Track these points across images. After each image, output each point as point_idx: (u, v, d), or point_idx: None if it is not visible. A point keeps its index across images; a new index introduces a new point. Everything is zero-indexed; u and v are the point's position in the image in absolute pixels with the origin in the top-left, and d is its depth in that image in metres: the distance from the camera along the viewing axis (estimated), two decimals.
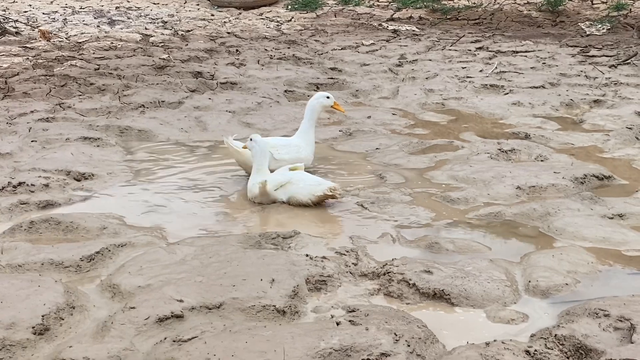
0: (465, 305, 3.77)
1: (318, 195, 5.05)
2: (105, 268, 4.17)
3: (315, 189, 5.07)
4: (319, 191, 5.06)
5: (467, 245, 4.49)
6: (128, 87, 8.53)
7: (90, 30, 12.78)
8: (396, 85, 9.09)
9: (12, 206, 5.03)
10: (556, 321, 3.57)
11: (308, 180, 5.15)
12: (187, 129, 7.12)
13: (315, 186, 5.09)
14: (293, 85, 9.01)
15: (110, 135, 6.79)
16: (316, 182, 5.15)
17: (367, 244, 4.53)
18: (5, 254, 4.27)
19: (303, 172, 5.31)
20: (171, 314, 3.50)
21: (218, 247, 4.31)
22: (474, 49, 11.43)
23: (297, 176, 5.19)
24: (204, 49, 11.12)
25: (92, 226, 4.67)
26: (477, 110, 7.97)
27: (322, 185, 5.09)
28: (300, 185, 5.11)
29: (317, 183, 5.13)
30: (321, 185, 5.10)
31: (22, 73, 9.12)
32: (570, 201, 5.10)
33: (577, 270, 4.12)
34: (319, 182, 5.14)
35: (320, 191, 5.05)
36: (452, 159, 6.18)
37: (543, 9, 14.45)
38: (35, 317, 3.46)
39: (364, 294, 3.91)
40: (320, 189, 5.06)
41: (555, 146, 6.57)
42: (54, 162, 5.88)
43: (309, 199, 5.07)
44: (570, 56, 10.71)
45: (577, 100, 8.17)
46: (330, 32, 13.04)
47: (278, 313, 3.60)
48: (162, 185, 5.63)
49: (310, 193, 5.07)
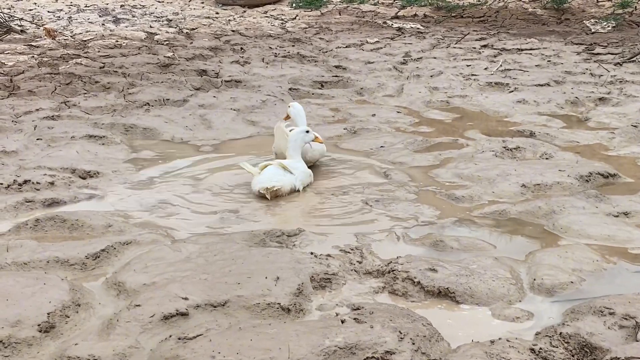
0: (470, 303, 3.77)
1: (257, 190, 5.27)
2: (111, 266, 4.18)
3: (257, 186, 5.28)
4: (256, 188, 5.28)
5: (472, 243, 4.49)
6: (133, 85, 8.55)
7: (95, 28, 12.80)
8: (401, 83, 9.08)
9: (17, 204, 5.04)
10: (561, 319, 3.57)
11: (265, 175, 5.31)
12: (191, 127, 7.13)
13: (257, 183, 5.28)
14: (298, 83, 9.01)
15: (116, 133, 6.81)
16: (266, 179, 5.28)
17: (372, 242, 4.54)
18: (10, 251, 4.28)
19: (275, 167, 5.39)
20: (176, 312, 3.51)
21: (223, 245, 4.32)
22: (479, 46, 11.42)
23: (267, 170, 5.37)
24: (208, 47, 11.12)
25: (98, 224, 4.68)
26: (482, 108, 7.96)
27: (260, 185, 5.25)
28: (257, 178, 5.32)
29: (266, 180, 5.26)
30: (260, 184, 5.26)
31: (27, 71, 9.14)
32: (575, 199, 5.09)
33: (582, 268, 4.11)
34: (261, 181, 5.27)
35: (256, 190, 5.28)
36: (457, 157, 6.18)
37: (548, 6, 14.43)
38: (41, 314, 3.47)
39: (368, 292, 3.91)
40: (257, 188, 5.26)
41: (560, 144, 6.56)
42: (60, 160, 5.90)
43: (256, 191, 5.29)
44: (576, 54, 10.69)
45: (582, 98, 8.15)
46: (334, 30, 13.03)
47: (283, 311, 3.60)
48: (167, 183, 5.64)
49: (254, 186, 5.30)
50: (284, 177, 5.34)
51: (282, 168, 5.37)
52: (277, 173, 5.33)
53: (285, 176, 5.35)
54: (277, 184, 5.26)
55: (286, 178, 5.34)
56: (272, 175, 5.31)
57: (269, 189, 5.23)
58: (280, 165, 5.38)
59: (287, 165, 5.39)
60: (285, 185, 5.31)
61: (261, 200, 5.27)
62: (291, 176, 5.38)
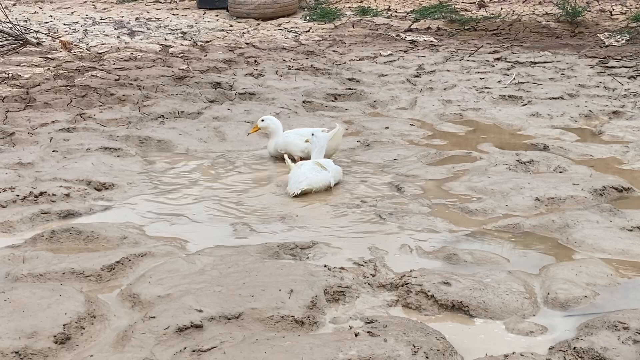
0: (483, 317, 3.77)
1: (293, 191, 5.59)
2: (126, 277, 4.21)
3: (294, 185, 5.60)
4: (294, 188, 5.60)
5: (486, 256, 4.49)
6: (148, 98, 8.60)
7: (110, 40, 12.90)
8: (414, 95, 9.10)
9: (33, 216, 5.08)
10: (575, 334, 3.57)
11: (302, 173, 5.65)
12: (206, 139, 7.17)
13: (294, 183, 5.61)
14: (311, 95, 9.04)
15: (130, 145, 6.85)
16: (303, 177, 5.61)
17: (385, 255, 4.54)
18: (27, 263, 4.32)
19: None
20: (191, 324, 3.53)
21: (237, 257, 4.34)
22: (492, 59, 11.42)
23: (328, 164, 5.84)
24: (222, 59, 11.18)
25: (113, 236, 4.72)
26: (495, 121, 7.96)
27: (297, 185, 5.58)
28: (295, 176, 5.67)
29: (303, 179, 5.60)
30: (298, 183, 5.59)
31: (43, 83, 9.22)
32: (589, 213, 5.09)
33: (596, 282, 4.10)
34: (299, 181, 5.60)
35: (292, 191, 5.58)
36: (471, 170, 6.18)
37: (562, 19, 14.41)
38: (57, 326, 3.50)
39: (382, 305, 3.92)
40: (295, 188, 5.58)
41: (574, 157, 6.55)
42: (75, 172, 5.94)
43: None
44: (589, 67, 10.67)
45: (596, 111, 8.14)
46: (348, 43, 13.07)
47: (297, 324, 3.62)
48: (182, 195, 5.67)
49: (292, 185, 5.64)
50: (320, 174, 5.67)
51: (319, 165, 5.71)
52: (314, 169, 5.67)
53: (321, 173, 5.67)
54: (310, 186, 5.58)
55: (322, 175, 5.67)
56: (308, 171, 5.63)
57: (304, 190, 5.53)
58: (316, 163, 5.73)
59: (322, 163, 5.76)
60: (320, 182, 5.65)
61: (275, 211, 5.30)
62: (326, 173, 5.72)
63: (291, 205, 5.50)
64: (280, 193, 5.74)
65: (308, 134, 6.26)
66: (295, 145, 6.38)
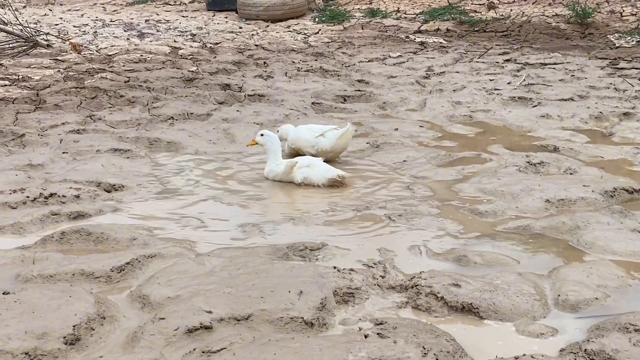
0: (494, 319, 3.75)
1: (328, 178, 5.82)
2: (135, 279, 4.21)
3: (327, 173, 5.85)
4: (329, 175, 5.84)
5: (496, 258, 4.47)
6: (157, 99, 8.62)
7: (120, 42, 12.93)
8: (423, 97, 9.09)
9: (43, 217, 5.10)
10: (586, 336, 3.55)
11: (323, 167, 5.93)
12: (215, 140, 7.18)
13: (327, 171, 5.86)
14: (320, 97, 9.04)
15: (140, 146, 6.86)
16: (329, 168, 5.92)
17: (395, 256, 4.53)
18: (37, 264, 4.33)
19: (321, 160, 6.04)
20: (200, 325, 3.53)
21: (246, 259, 4.34)
22: (502, 61, 11.40)
23: (316, 162, 5.98)
24: (232, 61, 11.20)
25: (122, 237, 4.73)
26: (505, 123, 7.94)
27: (332, 172, 5.86)
28: (315, 170, 5.88)
29: (329, 169, 5.90)
30: (331, 171, 5.87)
31: (53, 85, 9.26)
32: (599, 214, 5.07)
33: (607, 284, 4.08)
34: (330, 169, 5.90)
35: (330, 175, 5.83)
36: (480, 171, 6.16)
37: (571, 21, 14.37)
38: (67, 327, 3.50)
39: (391, 306, 3.91)
40: (331, 174, 5.84)
41: (584, 159, 6.52)
42: (85, 174, 5.96)
43: (321, 182, 5.83)
44: (599, 68, 10.64)
45: (607, 112, 8.11)
46: (357, 45, 13.07)
47: (306, 325, 3.61)
48: (191, 196, 5.68)
49: (323, 177, 5.83)
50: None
51: (289, 167, 5.96)
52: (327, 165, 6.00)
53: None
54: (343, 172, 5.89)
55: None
56: (328, 165, 5.96)
57: (341, 176, 5.83)
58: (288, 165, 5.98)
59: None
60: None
61: (284, 212, 5.30)
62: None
63: (301, 206, 5.50)
64: (290, 194, 5.74)
65: (320, 130, 6.43)
66: (306, 142, 6.43)
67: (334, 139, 6.38)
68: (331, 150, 6.40)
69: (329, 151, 6.38)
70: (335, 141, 6.38)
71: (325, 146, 6.38)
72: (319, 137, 6.41)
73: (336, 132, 6.41)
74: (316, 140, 6.40)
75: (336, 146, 6.40)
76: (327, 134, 6.42)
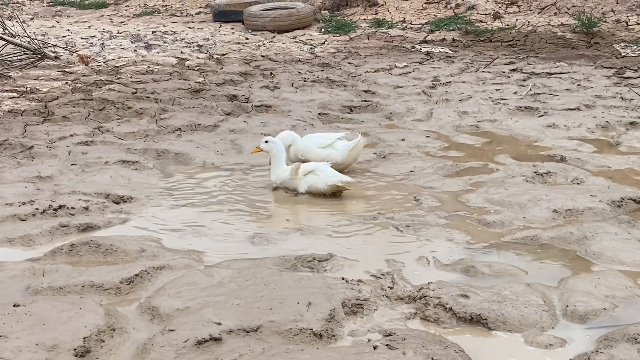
0: (502, 330, 3.76)
1: (330, 185, 5.74)
2: (144, 290, 4.23)
3: (330, 179, 5.76)
4: (331, 181, 5.75)
5: (504, 269, 4.48)
6: (165, 111, 8.66)
7: (127, 54, 12.99)
8: (430, 107, 9.10)
9: (52, 229, 5.12)
10: (594, 346, 3.55)
11: (328, 172, 5.84)
12: (222, 151, 7.20)
13: (331, 177, 5.78)
14: (327, 107, 9.06)
15: (148, 158, 6.89)
16: (333, 174, 5.84)
17: (403, 267, 4.55)
18: (46, 276, 4.36)
19: (327, 165, 5.96)
20: (210, 337, 3.54)
21: (255, 270, 4.35)
22: (508, 70, 11.41)
23: (321, 167, 5.89)
24: (238, 72, 11.24)
25: (131, 249, 4.75)
26: (511, 133, 7.95)
27: (336, 177, 5.78)
28: (320, 176, 5.81)
29: (333, 174, 5.82)
30: (335, 177, 5.78)
31: (61, 97, 9.30)
32: (607, 225, 5.07)
33: (615, 294, 4.09)
34: (335, 174, 5.83)
35: (332, 181, 5.75)
36: (487, 181, 6.17)
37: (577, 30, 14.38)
38: (77, 339, 3.52)
39: (400, 317, 3.92)
40: (333, 180, 5.75)
41: (591, 169, 6.53)
42: (94, 185, 5.99)
43: (324, 189, 5.76)
44: (606, 78, 10.64)
45: (613, 122, 8.11)
46: (363, 55, 13.11)
47: (315, 336, 3.62)
48: (199, 208, 5.70)
49: (325, 183, 5.76)
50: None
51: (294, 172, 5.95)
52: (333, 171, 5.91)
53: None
54: (349, 179, 5.81)
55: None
56: (333, 171, 5.87)
57: (345, 182, 5.75)
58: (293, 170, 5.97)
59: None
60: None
61: (292, 223, 5.32)
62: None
63: (308, 217, 5.52)
64: (297, 204, 5.76)
65: (328, 140, 6.44)
66: (316, 155, 6.36)
67: (345, 152, 6.34)
68: (342, 163, 6.35)
69: (340, 163, 6.30)
70: (347, 153, 6.34)
71: (336, 159, 6.30)
72: (329, 148, 6.36)
73: (347, 143, 6.37)
74: (326, 153, 6.34)
75: (348, 158, 6.36)
76: (338, 145, 6.39)
